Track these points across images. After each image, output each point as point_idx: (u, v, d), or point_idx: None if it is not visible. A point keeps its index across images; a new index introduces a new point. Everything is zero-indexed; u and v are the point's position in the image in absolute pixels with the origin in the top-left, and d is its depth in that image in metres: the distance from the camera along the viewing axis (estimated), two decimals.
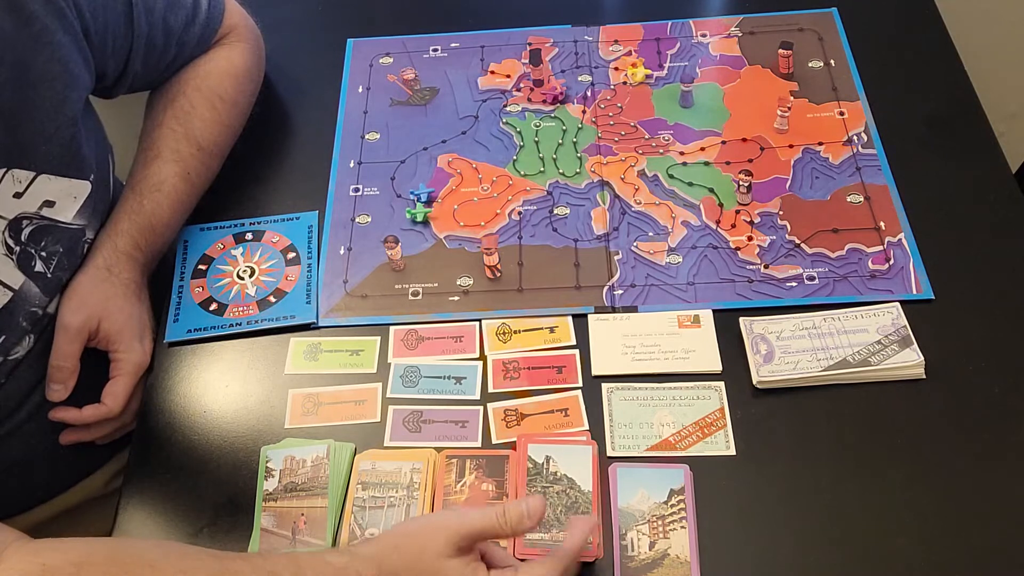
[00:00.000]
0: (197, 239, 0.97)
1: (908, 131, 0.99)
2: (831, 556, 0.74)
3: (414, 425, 0.83)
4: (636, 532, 0.75)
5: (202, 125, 0.94)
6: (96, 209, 0.88)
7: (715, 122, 1.01)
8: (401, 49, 1.12)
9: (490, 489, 0.78)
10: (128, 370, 0.85)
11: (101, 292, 0.86)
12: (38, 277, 0.83)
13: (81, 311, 0.84)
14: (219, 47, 0.99)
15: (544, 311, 0.89)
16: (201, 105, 0.95)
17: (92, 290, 0.85)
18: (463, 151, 1.02)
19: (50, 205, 0.82)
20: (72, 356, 0.84)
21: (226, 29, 0.99)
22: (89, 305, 0.85)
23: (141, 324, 0.87)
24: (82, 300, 0.85)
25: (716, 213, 0.94)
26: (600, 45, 1.10)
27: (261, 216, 0.98)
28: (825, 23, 1.09)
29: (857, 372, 0.81)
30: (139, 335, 0.87)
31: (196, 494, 0.81)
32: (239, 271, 0.94)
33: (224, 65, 0.98)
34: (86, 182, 0.85)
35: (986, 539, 0.74)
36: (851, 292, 0.87)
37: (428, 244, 0.94)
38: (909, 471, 0.77)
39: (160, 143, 0.92)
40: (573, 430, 0.81)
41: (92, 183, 0.86)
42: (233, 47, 0.99)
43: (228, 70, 0.98)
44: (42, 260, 0.83)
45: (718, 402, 0.82)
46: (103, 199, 0.90)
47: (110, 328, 0.85)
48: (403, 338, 0.88)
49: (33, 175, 0.80)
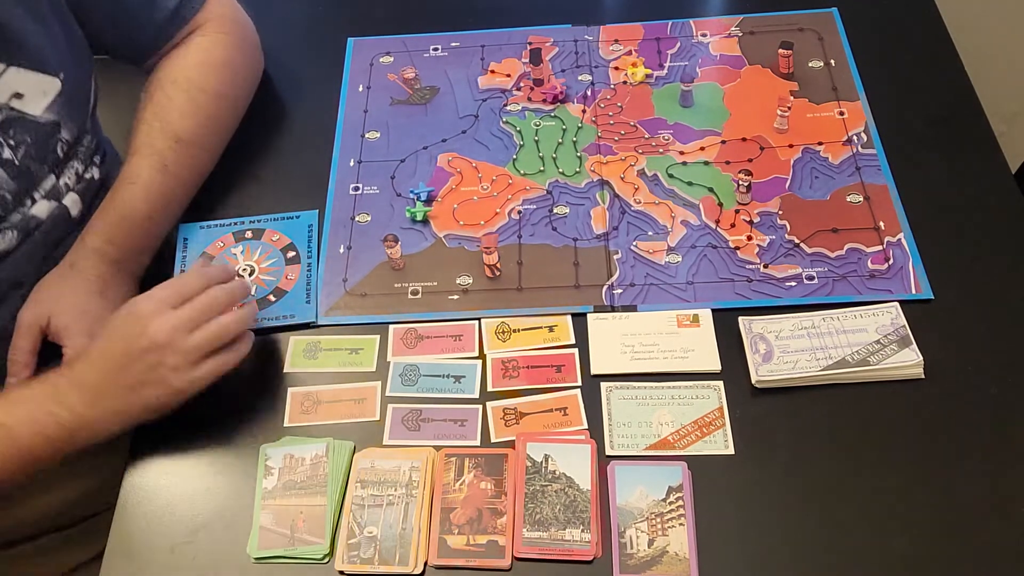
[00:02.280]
0: (197, 236, 0.97)
1: (908, 131, 0.99)
2: (829, 555, 0.74)
3: (413, 424, 0.83)
4: (635, 530, 0.75)
5: (180, 117, 0.93)
6: (72, 110, 0.89)
7: (715, 122, 1.01)
8: (401, 48, 1.12)
9: (489, 487, 0.78)
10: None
11: (56, 288, 0.87)
12: (6, 164, 0.85)
13: (32, 307, 0.86)
14: (198, 37, 0.98)
15: (543, 310, 0.89)
16: (178, 97, 0.94)
17: (50, 286, 0.87)
18: (463, 150, 1.02)
19: (19, 97, 0.84)
20: (23, 350, 0.85)
21: (208, 16, 0.99)
22: (41, 301, 0.86)
23: (96, 320, 0.86)
24: (37, 296, 0.87)
25: (716, 213, 0.94)
26: (600, 45, 1.10)
27: (261, 215, 0.98)
28: (825, 23, 1.09)
29: (856, 372, 0.81)
30: (89, 331, 0.85)
31: (195, 492, 0.81)
32: (239, 270, 0.94)
33: (202, 56, 0.97)
34: (55, 79, 0.87)
35: (985, 539, 0.74)
36: (850, 292, 0.87)
37: (428, 243, 0.95)
38: (908, 470, 0.77)
39: (136, 140, 0.93)
40: (572, 429, 0.81)
41: (63, 81, 0.87)
42: (213, 38, 0.99)
43: (206, 60, 0.97)
44: (10, 148, 0.85)
45: (717, 401, 0.82)
46: (79, 103, 0.91)
47: (58, 323, 0.85)
48: (402, 337, 0.88)
49: (3, 67, 0.82)
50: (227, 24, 1.00)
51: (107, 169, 0.98)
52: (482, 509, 0.77)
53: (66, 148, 0.90)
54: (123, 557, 0.78)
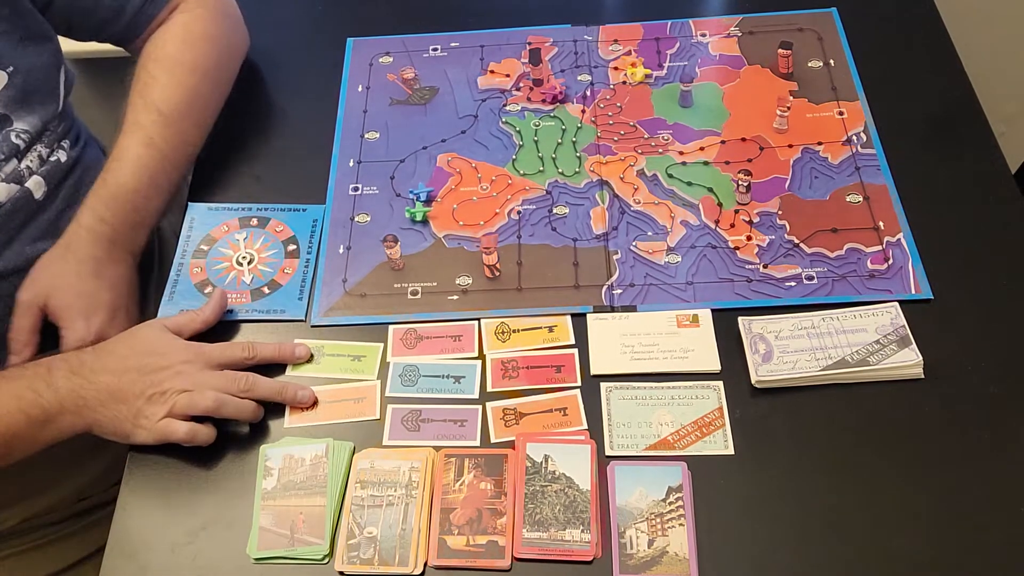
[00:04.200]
0: (204, 217, 0.97)
1: (908, 131, 0.99)
2: (829, 555, 0.74)
3: (413, 424, 0.83)
4: (635, 530, 0.75)
5: (161, 91, 0.95)
6: (28, 102, 0.90)
7: (714, 122, 1.01)
8: (401, 48, 1.12)
9: (488, 488, 0.78)
10: (68, 347, 0.86)
11: (53, 269, 0.87)
12: None
13: (31, 287, 0.87)
14: (178, 15, 1.00)
15: (543, 310, 0.89)
16: (160, 73, 0.96)
17: (46, 267, 0.88)
18: (462, 150, 1.02)
19: None
20: (24, 330, 0.86)
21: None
22: (39, 282, 0.87)
23: (92, 302, 0.87)
24: (35, 277, 0.88)
25: (715, 213, 0.94)
26: (600, 45, 1.10)
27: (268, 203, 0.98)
28: (825, 23, 1.09)
29: (856, 372, 0.81)
30: (85, 313, 0.86)
31: (195, 492, 0.81)
32: (239, 257, 0.94)
33: (180, 32, 0.99)
34: (2, 73, 0.88)
35: (985, 539, 0.74)
36: (850, 292, 0.87)
37: (427, 243, 0.95)
38: (907, 471, 0.77)
39: (124, 120, 0.94)
40: (572, 429, 0.81)
41: (9, 75, 0.88)
42: (191, 13, 1.00)
43: (183, 36, 0.99)
44: None
45: (717, 401, 0.82)
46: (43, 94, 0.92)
47: (56, 305, 0.86)
48: (402, 337, 0.88)
49: None
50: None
51: (80, 152, 0.98)
52: (482, 509, 0.77)
53: (27, 138, 0.91)
54: (123, 557, 0.78)
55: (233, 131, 1.03)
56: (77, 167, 0.97)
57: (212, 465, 0.82)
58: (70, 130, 0.98)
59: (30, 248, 0.90)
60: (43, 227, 0.92)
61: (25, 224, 0.91)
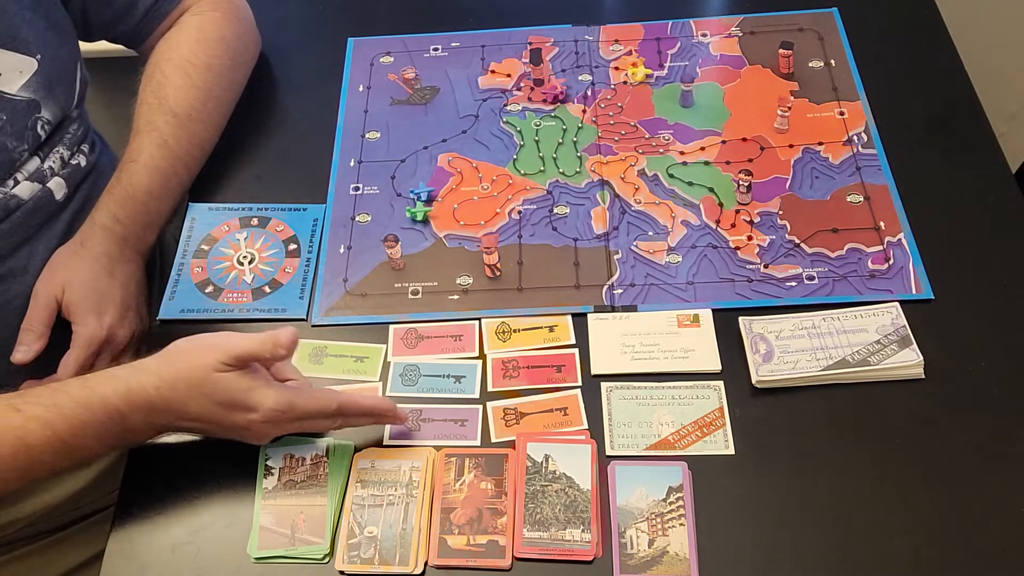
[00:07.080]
0: (205, 217, 0.97)
1: (908, 131, 0.99)
2: (829, 555, 0.74)
3: (413, 423, 0.83)
4: (635, 530, 0.75)
5: (174, 92, 0.96)
6: (53, 91, 0.90)
7: (715, 122, 1.01)
8: (402, 48, 1.12)
9: (489, 488, 0.78)
10: (79, 343, 0.86)
11: (69, 264, 0.88)
12: None
13: (48, 281, 0.87)
14: (190, 16, 1.01)
15: (543, 310, 0.89)
16: (173, 74, 0.97)
17: (63, 262, 0.88)
18: (463, 150, 1.02)
19: None
20: (38, 322, 0.86)
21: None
22: (56, 276, 0.87)
23: (104, 299, 0.87)
24: (52, 270, 0.88)
25: (716, 213, 0.94)
26: (600, 45, 1.10)
27: (269, 203, 0.98)
28: (825, 23, 1.09)
29: (856, 372, 0.81)
30: (96, 309, 0.86)
31: (195, 492, 0.81)
32: (240, 256, 0.94)
33: (193, 34, 0.99)
34: (32, 59, 0.88)
35: (985, 539, 0.74)
36: (850, 292, 0.87)
37: (428, 243, 0.95)
38: (908, 471, 0.77)
39: (138, 120, 0.95)
40: (572, 429, 0.81)
41: (39, 62, 0.88)
42: (204, 16, 1.01)
43: (197, 37, 0.99)
44: None
45: (717, 401, 0.82)
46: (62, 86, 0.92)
47: (70, 300, 0.86)
48: (402, 337, 0.88)
49: None
50: (218, 1, 1.02)
51: (96, 158, 0.99)
52: (482, 509, 0.77)
53: (49, 129, 0.91)
54: (123, 557, 0.78)
55: (234, 131, 1.03)
56: (93, 172, 0.98)
57: (212, 465, 0.82)
58: (87, 135, 0.99)
59: (45, 249, 0.91)
60: (62, 228, 0.93)
61: (44, 225, 0.91)
